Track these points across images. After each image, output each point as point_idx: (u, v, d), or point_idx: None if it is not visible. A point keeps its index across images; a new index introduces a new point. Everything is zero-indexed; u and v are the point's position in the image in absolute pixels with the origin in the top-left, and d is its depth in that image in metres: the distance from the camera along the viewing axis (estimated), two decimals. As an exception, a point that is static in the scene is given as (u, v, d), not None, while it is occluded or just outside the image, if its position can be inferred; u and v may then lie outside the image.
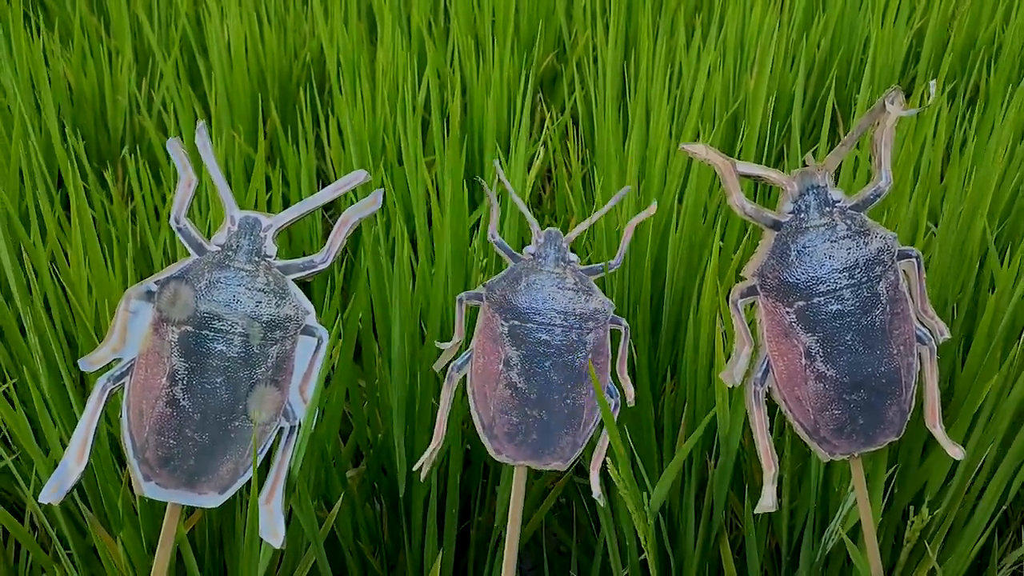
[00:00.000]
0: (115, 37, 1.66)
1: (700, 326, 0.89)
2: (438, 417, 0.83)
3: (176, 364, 0.73)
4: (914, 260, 0.81)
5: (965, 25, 1.67)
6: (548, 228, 0.86)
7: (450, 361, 0.85)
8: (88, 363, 0.74)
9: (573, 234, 0.87)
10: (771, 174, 0.81)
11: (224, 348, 0.74)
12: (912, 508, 0.88)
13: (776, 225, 0.81)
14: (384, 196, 0.80)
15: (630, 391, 0.85)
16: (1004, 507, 0.91)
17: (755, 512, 0.81)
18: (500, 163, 0.93)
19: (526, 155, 1.11)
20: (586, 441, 0.83)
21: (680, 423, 0.92)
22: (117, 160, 1.50)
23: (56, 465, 0.72)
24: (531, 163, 1.38)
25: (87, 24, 1.63)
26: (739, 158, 1.17)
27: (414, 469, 0.85)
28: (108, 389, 0.73)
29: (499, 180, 0.90)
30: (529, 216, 0.87)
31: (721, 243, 1.09)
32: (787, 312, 0.80)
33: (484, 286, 0.85)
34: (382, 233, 0.98)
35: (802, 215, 0.80)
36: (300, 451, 0.76)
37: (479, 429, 0.83)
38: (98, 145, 1.52)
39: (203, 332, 0.74)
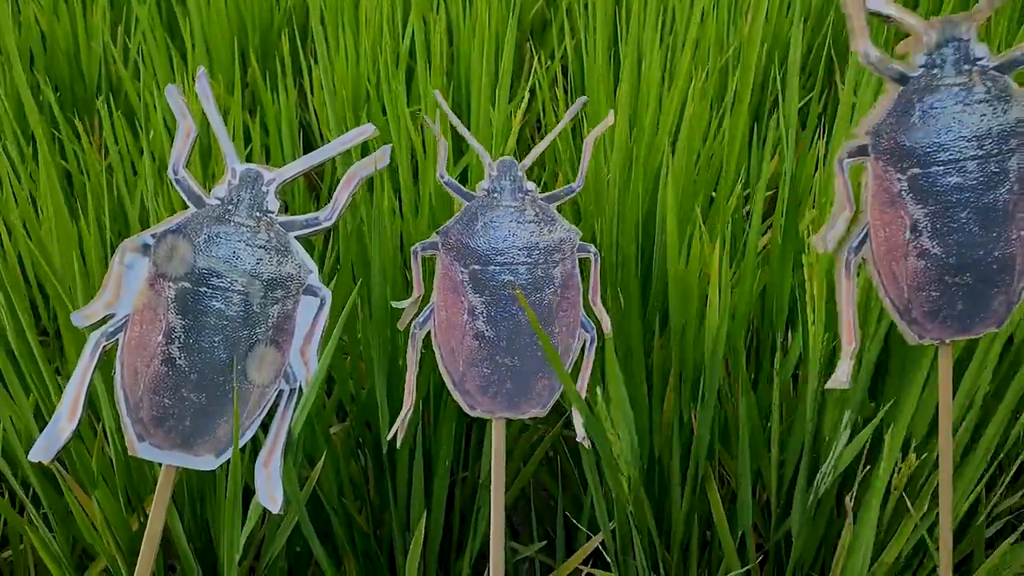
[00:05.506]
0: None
1: (688, 274, 0.86)
2: (407, 380, 0.80)
3: (173, 321, 0.71)
4: None
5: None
6: (501, 158, 0.80)
7: (412, 319, 0.81)
8: (81, 318, 0.71)
9: (528, 160, 0.81)
10: (908, 17, 0.73)
11: (223, 306, 0.71)
12: (901, 455, 0.87)
13: (903, 79, 0.73)
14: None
15: (606, 321, 0.81)
16: (1000, 458, 0.90)
17: (826, 387, 0.77)
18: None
19: (512, 101, 1.07)
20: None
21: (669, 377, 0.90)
22: (93, 110, 1.46)
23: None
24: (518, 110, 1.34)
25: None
26: (733, 104, 1.14)
27: (388, 437, 0.82)
28: (102, 345, 0.71)
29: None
30: (479, 148, 0.81)
31: (714, 194, 1.06)
32: (898, 179, 0.73)
33: (438, 233, 0.79)
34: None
35: (935, 71, 0.72)
36: (301, 415, 0.74)
37: (450, 386, 0.79)
38: (73, 94, 1.47)
39: (201, 289, 0.71)
